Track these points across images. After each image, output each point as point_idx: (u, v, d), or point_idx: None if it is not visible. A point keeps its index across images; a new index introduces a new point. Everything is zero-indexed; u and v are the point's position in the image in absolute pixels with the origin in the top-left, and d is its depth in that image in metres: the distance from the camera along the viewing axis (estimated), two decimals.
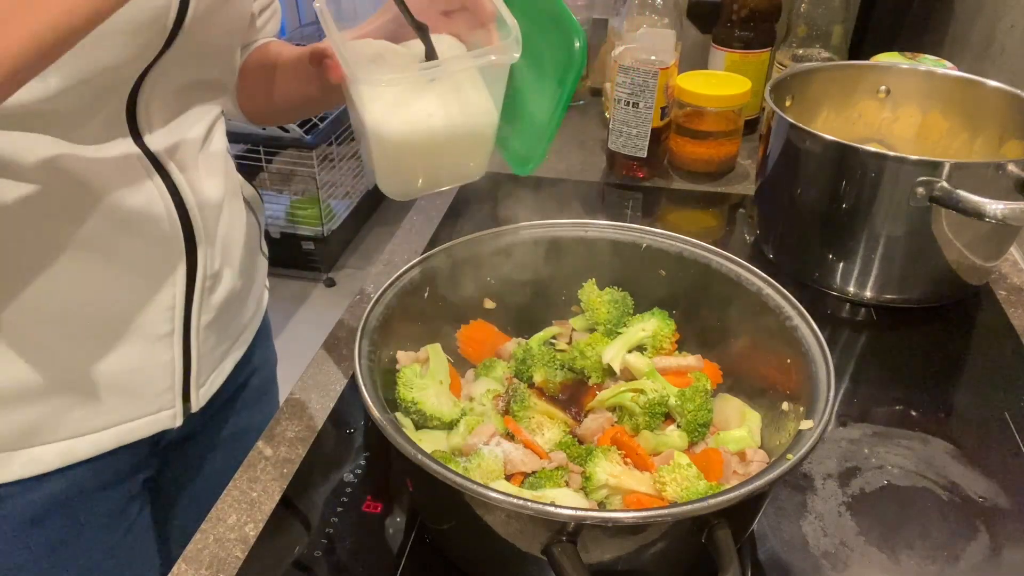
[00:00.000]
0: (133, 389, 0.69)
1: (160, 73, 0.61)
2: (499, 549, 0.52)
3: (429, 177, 0.65)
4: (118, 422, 0.69)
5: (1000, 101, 0.92)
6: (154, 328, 0.68)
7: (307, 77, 0.75)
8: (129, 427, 0.70)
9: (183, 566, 0.60)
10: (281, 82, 0.79)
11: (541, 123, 0.64)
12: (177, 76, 0.63)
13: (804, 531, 0.63)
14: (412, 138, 0.60)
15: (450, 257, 0.70)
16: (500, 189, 1.13)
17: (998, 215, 0.73)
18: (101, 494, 0.71)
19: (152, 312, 0.67)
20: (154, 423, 0.72)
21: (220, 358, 0.79)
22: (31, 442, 0.65)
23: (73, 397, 0.66)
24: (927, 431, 0.73)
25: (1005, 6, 1.13)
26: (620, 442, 0.62)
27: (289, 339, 2.48)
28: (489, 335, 0.74)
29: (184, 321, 0.70)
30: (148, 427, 0.72)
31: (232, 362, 0.81)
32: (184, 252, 0.68)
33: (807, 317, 0.61)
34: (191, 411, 0.75)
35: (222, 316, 0.76)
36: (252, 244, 0.81)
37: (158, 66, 0.60)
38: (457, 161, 0.65)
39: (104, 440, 0.69)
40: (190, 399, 0.74)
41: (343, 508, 0.64)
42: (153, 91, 0.62)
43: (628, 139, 1.11)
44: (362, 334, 0.61)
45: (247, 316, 0.83)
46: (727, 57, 1.23)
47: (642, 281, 0.73)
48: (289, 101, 0.81)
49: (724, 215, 1.10)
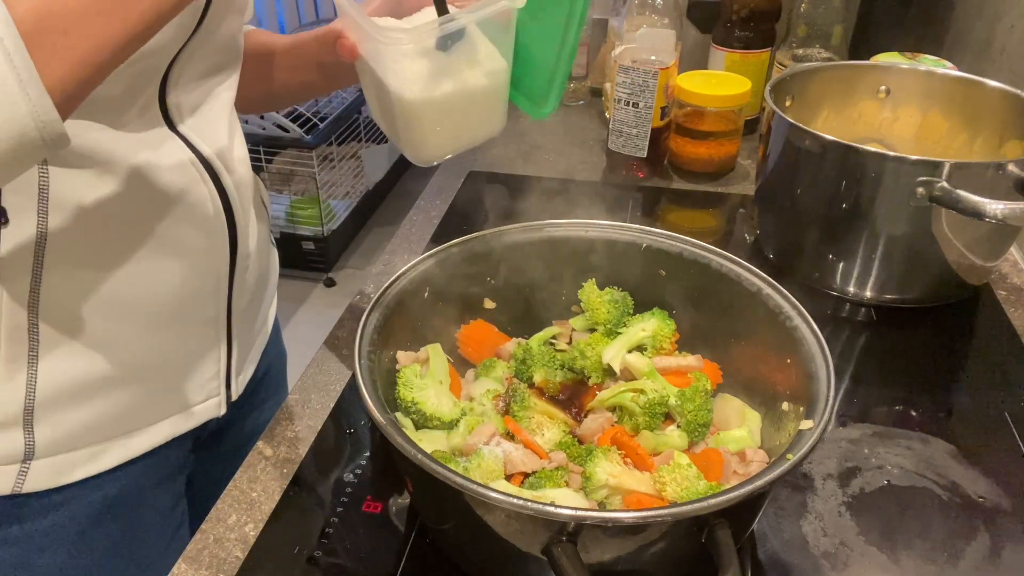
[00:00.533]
0: (187, 377, 0.70)
1: (187, 58, 0.62)
2: (499, 549, 0.52)
3: (454, 138, 0.66)
4: (173, 412, 0.71)
5: (1000, 101, 0.92)
6: (204, 312, 0.70)
7: (307, 64, 0.76)
8: (181, 418, 0.71)
9: (183, 566, 0.60)
10: (280, 69, 0.79)
11: (550, 65, 0.64)
12: (200, 61, 0.64)
13: (804, 531, 0.63)
14: (436, 98, 0.61)
15: (450, 257, 0.70)
16: (500, 189, 1.13)
17: (998, 215, 0.73)
18: (155, 492, 0.73)
19: (202, 296, 0.69)
20: (204, 411, 0.73)
21: (252, 343, 0.80)
22: (94, 439, 0.65)
23: (133, 389, 0.66)
24: (927, 431, 0.73)
25: (1005, 6, 1.13)
26: (620, 442, 0.62)
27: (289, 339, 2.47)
28: (489, 335, 0.74)
29: (227, 303, 0.71)
30: (199, 416, 0.73)
31: (259, 350, 0.83)
32: (227, 233, 0.68)
33: (807, 317, 0.61)
34: (232, 399, 0.76)
35: (254, 300, 0.77)
36: (266, 229, 0.82)
37: (186, 50, 0.61)
38: (479, 119, 0.66)
39: (158, 433, 0.70)
40: (231, 386, 0.76)
41: (343, 508, 0.64)
42: (180, 77, 0.62)
43: (628, 139, 1.11)
44: (362, 334, 0.61)
45: (268, 302, 0.85)
46: (727, 57, 1.23)
47: (642, 281, 0.73)
48: (287, 88, 0.81)
49: (724, 215, 1.10)
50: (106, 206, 0.59)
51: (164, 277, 0.65)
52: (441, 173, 1.18)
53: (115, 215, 0.60)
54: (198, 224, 0.66)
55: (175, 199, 0.64)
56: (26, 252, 0.57)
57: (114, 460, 0.67)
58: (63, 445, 0.64)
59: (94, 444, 0.66)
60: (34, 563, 0.65)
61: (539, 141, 1.27)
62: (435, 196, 1.11)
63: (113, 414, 0.66)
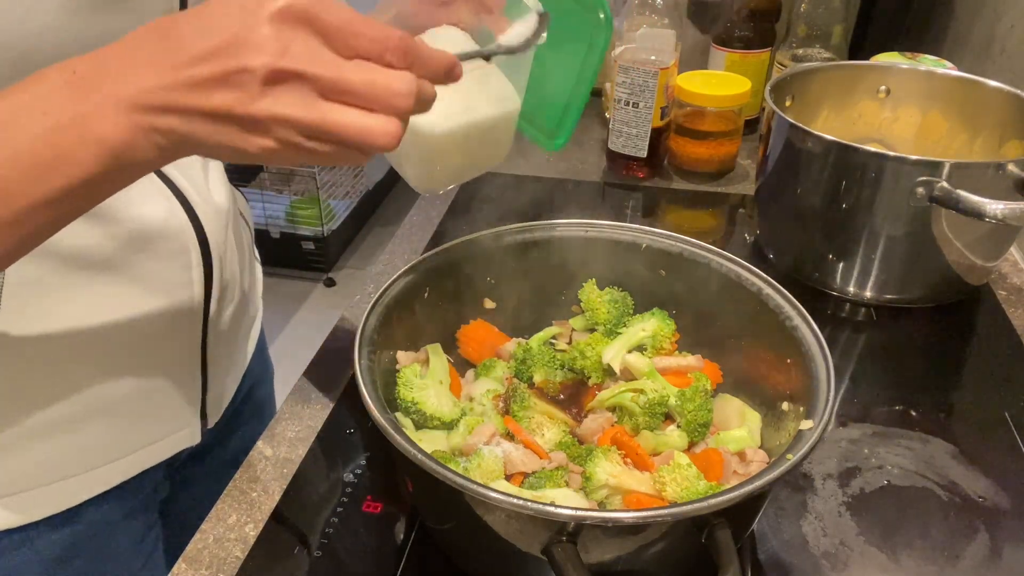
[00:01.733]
0: (157, 410, 0.68)
1: None
2: (499, 549, 0.52)
3: (458, 169, 0.65)
4: (141, 445, 0.69)
5: (1000, 101, 0.92)
6: (175, 345, 0.68)
7: None
8: (152, 449, 0.70)
9: (183, 566, 0.60)
10: None
11: (563, 97, 0.63)
12: None
13: (804, 531, 0.63)
14: (452, 132, 0.59)
15: (450, 257, 0.70)
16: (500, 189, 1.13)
17: (998, 215, 0.73)
18: (125, 523, 0.71)
19: (173, 330, 0.67)
20: (176, 442, 0.72)
21: (229, 370, 0.78)
22: (58, 475, 0.64)
23: (99, 424, 0.64)
24: (927, 431, 0.73)
25: (1005, 6, 1.13)
26: (620, 442, 0.62)
27: (289, 339, 2.48)
28: (489, 335, 0.74)
29: (203, 333, 0.69)
30: (170, 447, 0.71)
31: (239, 373, 0.81)
32: (202, 264, 0.66)
33: (807, 317, 0.61)
34: (207, 427, 0.75)
35: (232, 326, 0.75)
36: (247, 251, 0.80)
37: None
38: (487, 151, 0.65)
39: (128, 466, 0.68)
40: (206, 415, 0.74)
41: (343, 508, 0.64)
42: None
43: (628, 139, 1.11)
44: (362, 334, 0.61)
45: (249, 322, 0.83)
46: (727, 57, 1.23)
47: (642, 281, 0.73)
48: None
49: (724, 215, 1.10)
50: (71, 238, 0.57)
51: (131, 311, 0.63)
52: None
53: (81, 247, 0.58)
54: (170, 256, 0.64)
55: (146, 232, 0.61)
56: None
57: (80, 496, 0.65)
58: (25, 482, 0.62)
59: (58, 480, 0.64)
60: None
61: None
62: (435, 196, 1.11)
63: (77, 449, 0.64)
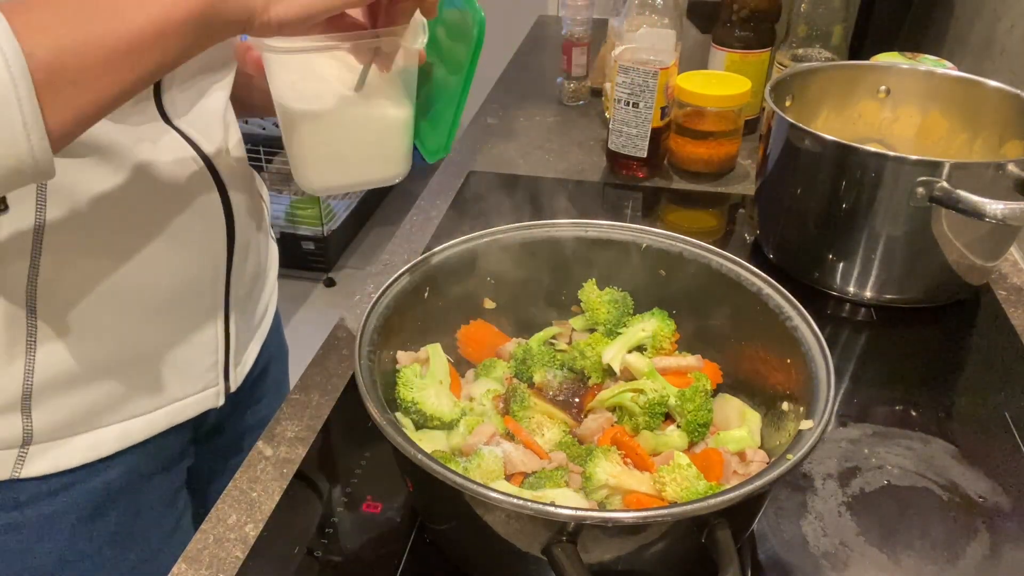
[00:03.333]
0: (184, 366, 0.71)
1: None
2: (499, 549, 0.52)
3: (340, 170, 0.65)
4: (170, 401, 0.71)
5: (1000, 101, 0.92)
6: (202, 301, 0.70)
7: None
8: (180, 406, 0.72)
9: (183, 566, 0.60)
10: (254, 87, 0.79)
11: (448, 114, 0.65)
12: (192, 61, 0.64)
13: (804, 531, 0.63)
14: (312, 113, 0.60)
15: (450, 257, 0.70)
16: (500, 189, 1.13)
17: (998, 215, 0.73)
18: (155, 480, 0.73)
19: (199, 285, 0.69)
20: (202, 401, 0.74)
21: (251, 336, 0.81)
22: (92, 425, 0.66)
23: (131, 377, 0.67)
24: (927, 431, 0.73)
25: (1005, 6, 1.13)
26: (620, 442, 0.62)
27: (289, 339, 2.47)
28: (489, 335, 0.74)
29: (225, 293, 0.72)
30: (197, 406, 0.73)
31: (259, 343, 0.83)
32: (224, 224, 0.69)
33: (807, 317, 0.61)
34: (230, 391, 0.77)
35: (252, 291, 0.78)
36: (264, 222, 0.83)
37: None
38: (368, 156, 0.65)
39: (158, 420, 0.70)
40: (229, 378, 0.76)
41: (343, 508, 0.64)
42: (175, 77, 0.63)
43: (628, 139, 1.11)
44: (362, 334, 0.61)
45: (267, 296, 0.85)
46: (727, 57, 1.23)
47: (642, 281, 0.73)
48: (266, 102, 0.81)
49: (724, 215, 1.10)
50: (104, 196, 0.60)
51: (161, 266, 0.65)
52: (441, 173, 1.18)
53: (113, 205, 0.61)
54: (196, 214, 0.66)
55: (173, 190, 0.64)
56: (24, 240, 0.57)
57: (113, 447, 0.67)
58: (61, 431, 0.64)
59: (92, 430, 0.66)
60: (35, 550, 0.66)
61: (539, 141, 1.27)
62: (435, 196, 1.11)
63: (111, 401, 0.66)
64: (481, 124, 1.33)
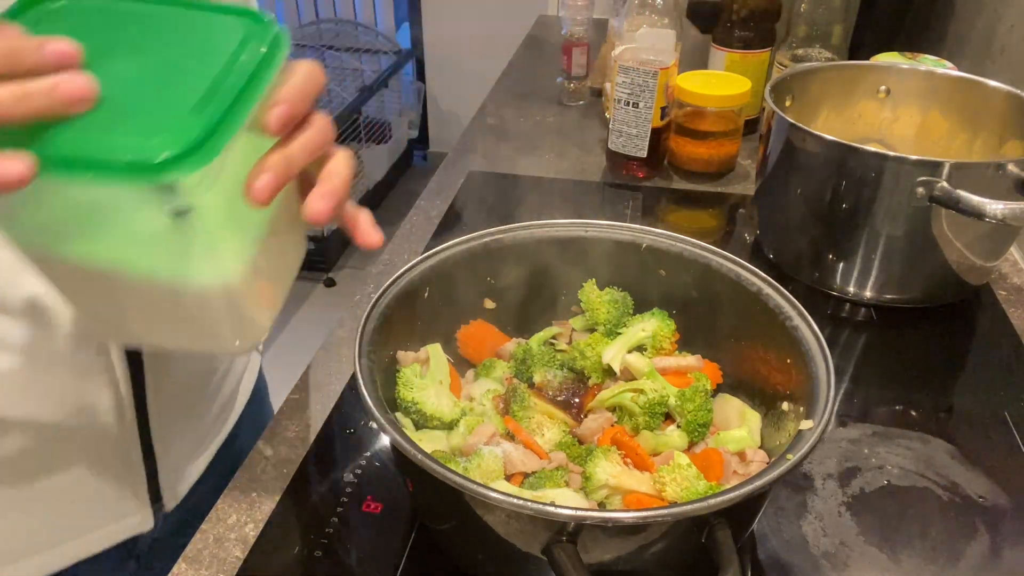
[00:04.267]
0: (88, 498, 0.64)
1: None
2: (499, 549, 0.52)
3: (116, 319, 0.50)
4: (80, 534, 0.65)
5: (1000, 101, 0.92)
6: (97, 429, 0.61)
7: None
8: (95, 537, 0.66)
9: (183, 566, 0.60)
10: None
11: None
12: None
13: (804, 531, 0.63)
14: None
15: (450, 257, 0.70)
16: (500, 189, 1.13)
17: (998, 215, 0.73)
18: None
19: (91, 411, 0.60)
20: (120, 531, 0.68)
21: (195, 446, 0.73)
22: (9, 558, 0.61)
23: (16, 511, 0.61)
24: (927, 431, 0.73)
25: (1005, 6, 1.13)
26: (620, 442, 0.62)
27: (289, 339, 2.48)
28: (489, 335, 0.74)
29: (136, 414, 0.63)
30: (118, 533, 0.67)
31: (214, 446, 0.75)
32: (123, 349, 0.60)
33: (807, 317, 0.61)
34: (164, 511, 0.71)
35: (189, 396, 0.69)
36: None
37: None
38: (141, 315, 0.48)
39: (74, 550, 0.65)
40: (161, 499, 0.70)
41: (343, 508, 0.64)
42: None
43: (628, 139, 1.11)
44: (362, 334, 0.61)
45: (227, 390, 0.75)
46: (727, 57, 1.23)
47: (642, 281, 0.73)
48: None
49: (724, 215, 1.10)
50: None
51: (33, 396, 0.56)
52: (441, 173, 1.18)
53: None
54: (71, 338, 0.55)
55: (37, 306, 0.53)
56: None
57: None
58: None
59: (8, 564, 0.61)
60: None
61: (539, 141, 1.27)
62: (435, 196, 1.11)
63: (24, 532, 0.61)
64: (481, 124, 1.33)
